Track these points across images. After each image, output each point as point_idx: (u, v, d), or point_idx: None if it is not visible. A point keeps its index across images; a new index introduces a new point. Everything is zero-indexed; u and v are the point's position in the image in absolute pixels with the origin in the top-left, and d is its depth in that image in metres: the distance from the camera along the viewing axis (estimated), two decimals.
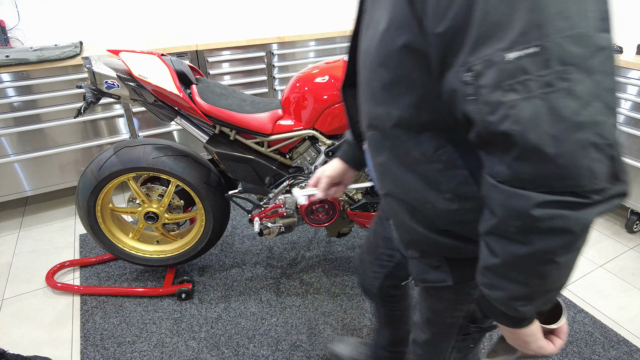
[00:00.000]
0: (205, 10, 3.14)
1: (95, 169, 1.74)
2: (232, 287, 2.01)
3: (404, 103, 0.65)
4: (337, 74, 1.65)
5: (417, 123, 0.66)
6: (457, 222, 0.71)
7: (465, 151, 0.66)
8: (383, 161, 0.75)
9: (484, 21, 0.50)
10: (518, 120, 0.49)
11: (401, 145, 0.70)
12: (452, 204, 0.69)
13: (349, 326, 1.80)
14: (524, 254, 0.56)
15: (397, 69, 0.64)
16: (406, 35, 0.60)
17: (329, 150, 1.72)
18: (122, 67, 1.65)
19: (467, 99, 0.54)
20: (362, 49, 0.73)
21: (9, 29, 2.58)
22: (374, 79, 0.68)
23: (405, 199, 0.75)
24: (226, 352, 1.68)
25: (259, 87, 2.89)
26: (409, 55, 0.61)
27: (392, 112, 0.67)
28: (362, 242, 2.31)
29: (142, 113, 2.58)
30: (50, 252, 2.27)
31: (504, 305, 0.63)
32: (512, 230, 0.55)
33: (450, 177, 0.67)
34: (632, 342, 1.72)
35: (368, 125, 0.76)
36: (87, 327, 1.79)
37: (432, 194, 0.70)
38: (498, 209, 0.56)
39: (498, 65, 0.49)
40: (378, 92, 0.69)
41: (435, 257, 0.81)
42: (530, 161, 0.50)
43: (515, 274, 0.58)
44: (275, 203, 1.83)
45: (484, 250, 0.62)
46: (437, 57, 0.57)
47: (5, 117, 2.25)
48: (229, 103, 1.72)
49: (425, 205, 0.72)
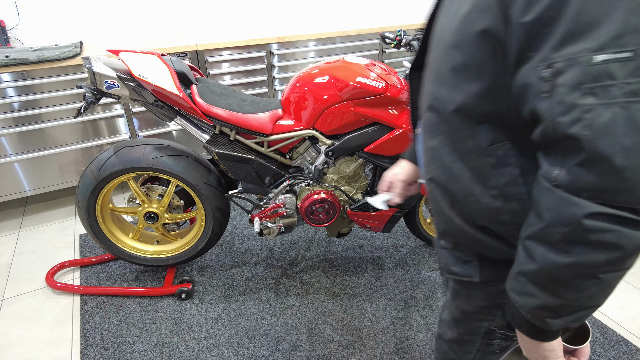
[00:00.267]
0: (205, 10, 3.14)
1: (95, 169, 1.74)
2: (232, 287, 2.01)
3: (470, 89, 0.63)
4: (337, 74, 1.65)
5: (479, 113, 0.64)
6: (497, 221, 0.69)
7: (521, 150, 0.63)
8: (435, 145, 0.73)
9: (577, 18, 0.48)
10: (591, 125, 0.47)
11: (457, 132, 0.67)
12: (496, 201, 0.67)
13: (349, 326, 1.80)
14: (565, 264, 0.53)
15: (470, 54, 0.61)
16: (488, 20, 0.57)
17: (329, 150, 1.73)
18: (122, 67, 1.65)
19: (540, 95, 0.52)
20: (438, 29, 0.70)
21: (9, 29, 2.58)
22: (445, 60, 0.66)
23: (449, 187, 0.72)
24: (226, 352, 1.68)
25: (259, 87, 2.89)
26: (486, 42, 0.59)
27: (455, 96, 0.65)
28: (362, 242, 2.31)
29: (142, 113, 2.58)
30: (50, 252, 2.27)
31: (530, 314, 0.61)
32: (557, 238, 0.53)
33: (500, 174, 0.65)
34: (632, 342, 1.72)
35: (428, 107, 0.73)
36: (87, 327, 1.79)
37: (478, 187, 0.68)
38: (546, 213, 0.54)
39: (582, 66, 0.47)
40: (446, 74, 0.66)
41: (467, 252, 0.79)
42: (594, 169, 0.48)
43: (550, 284, 0.56)
44: (275, 203, 1.83)
45: (521, 255, 0.60)
46: (515, 48, 0.55)
47: (5, 117, 2.25)
48: (229, 103, 1.72)
49: (469, 197, 0.70)
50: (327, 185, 1.81)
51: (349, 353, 1.68)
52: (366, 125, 1.71)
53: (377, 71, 1.67)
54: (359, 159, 1.79)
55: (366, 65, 1.68)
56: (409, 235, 2.39)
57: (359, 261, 2.18)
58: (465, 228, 0.73)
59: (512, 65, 0.57)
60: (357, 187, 1.87)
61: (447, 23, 0.66)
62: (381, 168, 1.80)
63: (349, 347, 1.71)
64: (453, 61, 0.64)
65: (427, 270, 2.11)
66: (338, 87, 1.63)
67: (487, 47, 0.59)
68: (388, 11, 3.80)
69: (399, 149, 1.73)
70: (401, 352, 1.69)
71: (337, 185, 1.84)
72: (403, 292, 1.98)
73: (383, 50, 3.24)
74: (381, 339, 1.75)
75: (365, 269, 2.12)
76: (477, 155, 0.66)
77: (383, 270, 2.12)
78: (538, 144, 0.55)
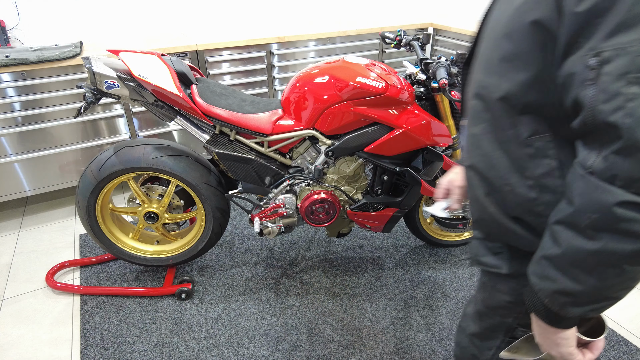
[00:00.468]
0: (205, 10, 3.14)
1: (95, 169, 1.74)
2: (232, 287, 2.01)
3: (517, 78, 0.65)
4: (337, 74, 1.64)
5: (522, 102, 0.65)
6: (531, 212, 0.70)
7: (561, 143, 0.65)
8: (477, 132, 0.75)
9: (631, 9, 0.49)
10: (632, 114, 0.48)
11: (499, 121, 0.69)
12: (531, 191, 0.68)
13: (349, 326, 1.80)
14: (590, 250, 0.54)
15: (520, 43, 0.63)
16: (540, 11, 0.59)
17: (329, 150, 1.73)
18: (122, 67, 1.65)
19: (584, 83, 0.53)
20: (492, 20, 0.73)
21: (9, 29, 2.58)
22: (495, 49, 0.69)
23: (487, 175, 0.74)
24: (226, 352, 1.68)
25: (259, 87, 2.89)
26: (537, 32, 0.61)
27: (502, 84, 0.67)
28: (362, 242, 2.31)
29: (142, 113, 2.58)
30: (50, 252, 2.27)
31: (549, 298, 0.62)
32: (585, 223, 0.54)
33: (538, 164, 0.67)
34: (632, 342, 1.72)
35: (474, 95, 0.76)
36: (87, 327, 1.79)
37: (515, 177, 0.69)
38: (577, 199, 0.55)
39: (630, 56, 0.49)
40: (495, 63, 0.69)
41: (498, 243, 0.81)
42: (631, 158, 0.49)
43: (572, 269, 0.57)
44: (275, 203, 1.83)
45: (547, 240, 0.61)
46: (566, 37, 0.56)
47: (5, 117, 2.25)
48: (229, 103, 1.72)
49: (505, 186, 0.71)
50: (327, 185, 1.81)
51: (349, 353, 1.68)
52: (366, 125, 1.71)
53: (377, 71, 1.67)
54: (359, 159, 1.79)
55: (366, 65, 1.68)
56: (409, 235, 2.39)
57: (359, 261, 2.18)
58: (498, 217, 0.75)
59: (559, 55, 0.58)
60: (357, 187, 1.87)
61: (501, 14, 0.69)
62: (381, 168, 1.80)
63: (349, 347, 1.71)
64: (503, 50, 0.67)
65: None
66: (338, 87, 1.63)
67: (536, 38, 0.61)
68: (388, 11, 3.80)
69: (399, 149, 1.73)
70: (401, 352, 1.69)
71: (337, 185, 1.84)
72: (403, 292, 1.98)
73: (383, 50, 3.25)
74: (381, 339, 1.75)
75: (365, 269, 2.12)
76: (517, 144, 0.68)
77: (383, 270, 2.12)
78: (577, 132, 0.56)
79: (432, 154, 1.76)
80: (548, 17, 0.58)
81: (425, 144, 1.73)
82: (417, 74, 1.71)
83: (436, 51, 3.48)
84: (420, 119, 1.69)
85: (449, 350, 1.70)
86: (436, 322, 1.82)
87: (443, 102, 1.74)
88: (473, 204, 0.82)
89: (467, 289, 1.99)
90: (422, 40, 1.82)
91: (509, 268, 0.80)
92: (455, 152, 1.90)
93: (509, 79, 0.66)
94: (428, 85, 1.74)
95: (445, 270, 2.12)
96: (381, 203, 1.86)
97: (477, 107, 0.74)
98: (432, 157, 1.77)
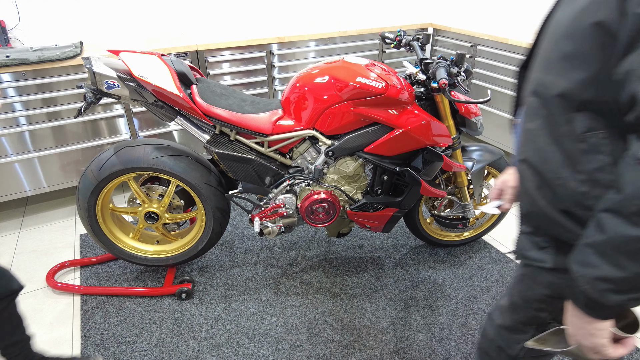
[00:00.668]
0: (205, 10, 3.14)
1: (95, 169, 1.74)
2: (232, 287, 2.01)
3: (575, 77, 0.68)
4: (337, 74, 1.65)
5: (578, 99, 0.69)
6: (582, 206, 0.72)
7: (614, 140, 0.67)
8: (532, 128, 0.78)
9: None
10: None
11: (555, 117, 0.73)
12: (582, 186, 0.71)
13: (348, 326, 1.80)
14: (634, 236, 0.57)
15: (581, 43, 0.67)
16: (603, 12, 0.63)
17: (329, 150, 1.73)
18: (122, 67, 1.65)
19: None
20: (554, 22, 0.76)
21: (9, 29, 2.58)
22: (555, 49, 0.72)
23: (540, 169, 0.77)
24: (226, 352, 1.68)
25: (259, 87, 2.89)
26: (598, 33, 0.64)
27: (560, 82, 0.71)
28: (362, 242, 2.32)
29: (142, 113, 2.58)
30: (50, 252, 2.27)
31: (589, 284, 0.64)
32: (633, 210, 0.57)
33: (591, 160, 0.69)
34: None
35: (532, 92, 0.79)
36: (87, 327, 1.79)
37: (567, 171, 0.72)
38: (627, 186, 0.58)
39: None
40: (554, 62, 0.72)
41: (545, 238, 0.83)
42: None
43: (615, 255, 0.60)
44: (276, 203, 1.83)
45: (592, 228, 0.64)
46: (627, 37, 0.60)
47: (6, 117, 2.25)
48: (229, 103, 1.72)
49: (556, 180, 0.74)
50: (327, 185, 1.82)
51: (349, 353, 1.68)
52: (366, 126, 1.71)
53: (377, 71, 1.67)
54: (359, 159, 1.80)
55: (366, 66, 1.69)
56: (409, 235, 2.39)
57: (359, 261, 2.18)
58: (547, 210, 0.77)
59: (619, 53, 0.62)
60: (357, 187, 1.87)
61: (563, 17, 0.73)
62: (381, 168, 1.81)
63: (349, 347, 1.71)
64: (564, 50, 0.70)
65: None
66: (338, 87, 1.63)
67: (597, 38, 0.65)
68: (388, 11, 3.81)
69: (399, 149, 1.73)
70: (401, 352, 1.69)
71: (337, 185, 1.84)
72: (403, 292, 1.98)
73: (383, 50, 3.25)
74: (381, 338, 1.75)
75: (365, 269, 2.13)
76: (571, 140, 0.71)
77: (383, 270, 2.12)
78: (632, 125, 0.59)
79: (432, 154, 1.77)
80: (610, 18, 0.62)
81: (425, 144, 1.73)
82: (417, 74, 1.71)
83: (436, 51, 3.48)
84: (420, 119, 1.69)
85: (448, 350, 1.70)
86: (436, 322, 1.82)
87: (443, 102, 1.74)
88: (523, 197, 0.85)
89: (467, 289, 2.00)
90: (422, 40, 1.82)
91: (553, 262, 0.82)
92: (455, 152, 1.90)
93: (567, 77, 0.69)
94: (428, 86, 1.74)
95: (445, 270, 2.12)
96: (381, 203, 1.87)
97: (534, 103, 0.77)
98: (432, 157, 1.77)
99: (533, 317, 0.92)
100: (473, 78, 3.14)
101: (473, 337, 1.75)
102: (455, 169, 1.85)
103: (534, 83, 0.79)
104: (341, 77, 1.63)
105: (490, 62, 2.95)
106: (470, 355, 1.68)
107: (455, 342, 1.73)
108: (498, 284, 2.03)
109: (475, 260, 2.19)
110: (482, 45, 3.00)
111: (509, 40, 2.76)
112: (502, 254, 2.23)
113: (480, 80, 3.09)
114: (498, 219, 2.24)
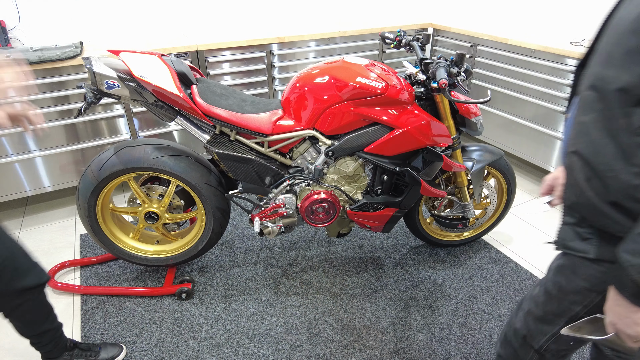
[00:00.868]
0: (205, 10, 3.14)
1: (95, 169, 1.74)
2: (232, 287, 2.01)
3: (638, 71, 0.70)
4: (337, 74, 1.65)
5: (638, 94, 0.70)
6: (632, 198, 0.74)
7: None
8: (586, 121, 0.80)
9: None
10: None
11: (612, 111, 0.74)
12: (636, 179, 0.72)
13: (348, 326, 1.80)
14: None
15: None
16: None
17: (329, 150, 1.73)
18: (122, 67, 1.65)
19: None
20: (617, 18, 0.78)
21: (9, 29, 2.58)
22: (619, 44, 0.74)
23: (592, 161, 0.79)
24: (226, 352, 1.68)
25: (259, 87, 2.89)
26: None
27: (622, 76, 0.72)
28: (362, 242, 2.32)
29: (142, 113, 2.58)
30: (50, 252, 2.27)
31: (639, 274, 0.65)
32: None
33: None
34: None
35: (589, 86, 0.80)
36: (87, 327, 1.79)
37: (621, 164, 0.74)
38: None
39: None
40: (617, 56, 0.74)
41: (589, 229, 0.85)
42: None
43: None
44: (276, 203, 1.83)
45: None
46: None
47: None
48: (229, 103, 1.73)
49: (608, 172, 0.76)
50: (327, 185, 1.82)
51: (349, 353, 1.69)
52: (366, 126, 1.71)
53: (377, 71, 1.67)
54: (359, 159, 1.80)
55: (366, 66, 1.69)
56: (409, 235, 2.39)
57: (359, 261, 2.18)
58: (595, 201, 0.79)
59: None
60: (357, 187, 1.87)
61: (628, 12, 0.74)
62: (381, 168, 1.81)
63: (349, 347, 1.71)
64: (628, 45, 0.72)
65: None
66: (338, 87, 1.63)
67: None
68: (388, 11, 3.81)
69: (399, 149, 1.73)
70: (401, 352, 1.69)
71: (337, 185, 1.84)
72: (403, 292, 1.99)
73: (383, 50, 3.25)
74: (381, 338, 1.75)
75: (365, 269, 2.13)
76: (628, 134, 0.72)
77: (383, 270, 2.12)
78: None
79: (431, 154, 1.77)
80: None
81: (425, 144, 1.73)
82: (417, 74, 1.71)
83: (436, 51, 3.49)
84: (420, 119, 1.69)
85: (448, 350, 1.70)
86: (436, 322, 1.82)
87: (443, 102, 1.74)
88: (570, 188, 0.86)
89: (467, 289, 2.00)
90: (422, 40, 1.82)
91: (596, 253, 0.84)
92: (455, 152, 1.90)
93: (629, 72, 0.71)
94: (428, 86, 1.74)
95: (445, 270, 2.12)
96: (381, 203, 1.87)
97: (590, 97, 0.79)
98: (432, 157, 1.78)
99: (566, 309, 0.93)
100: (473, 78, 3.14)
101: (473, 337, 1.76)
102: (455, 169, 1.85)
103: (591, 78, 0.80)
104: (341, 77, 1.64)
105: (490, 62, 2.95)
106: (470, 355, 1.68)
107: (455, 342, 1.73)
108: (498, 284, 2.03)
109: (475, 260, 2.19)
110: (482, 45, 3.00)
111: (509, 40, 2.76)
112: (502, 254, 2.23)
113: (480, 80, 3.09)
114: (498, 219, 2.24)
